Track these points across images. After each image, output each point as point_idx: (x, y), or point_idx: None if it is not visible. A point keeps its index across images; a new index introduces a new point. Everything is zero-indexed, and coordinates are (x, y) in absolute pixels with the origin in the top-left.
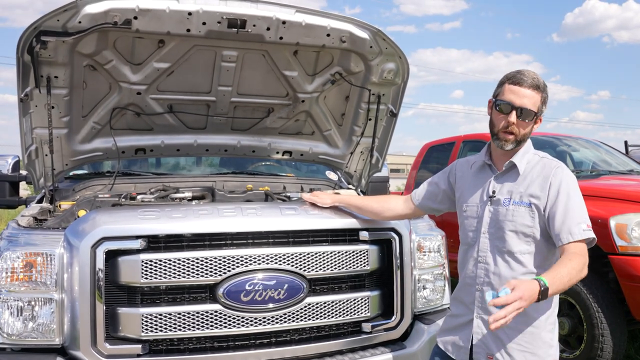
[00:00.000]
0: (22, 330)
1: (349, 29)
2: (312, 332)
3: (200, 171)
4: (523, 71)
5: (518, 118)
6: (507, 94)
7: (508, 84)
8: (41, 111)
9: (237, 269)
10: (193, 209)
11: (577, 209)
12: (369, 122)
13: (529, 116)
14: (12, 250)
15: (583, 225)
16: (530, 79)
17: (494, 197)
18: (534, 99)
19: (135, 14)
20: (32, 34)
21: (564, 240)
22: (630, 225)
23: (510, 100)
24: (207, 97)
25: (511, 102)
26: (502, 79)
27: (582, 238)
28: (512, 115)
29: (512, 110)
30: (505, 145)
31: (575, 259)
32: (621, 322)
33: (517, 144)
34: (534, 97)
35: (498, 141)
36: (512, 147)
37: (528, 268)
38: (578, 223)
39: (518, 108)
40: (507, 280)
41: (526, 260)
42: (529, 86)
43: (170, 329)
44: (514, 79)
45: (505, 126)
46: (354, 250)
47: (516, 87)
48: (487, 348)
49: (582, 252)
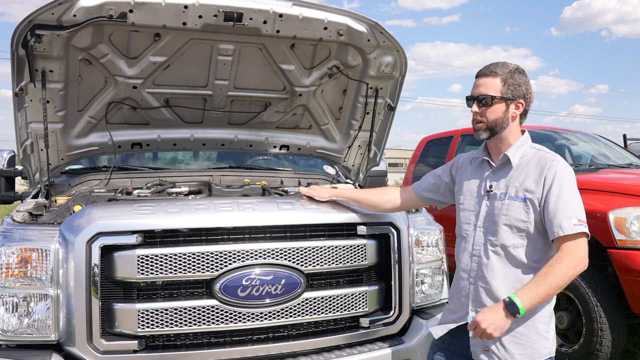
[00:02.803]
0: (18, 326)
1: (346, 22)
2: (309, 328)
3: (197, 166)
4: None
5: (480, 107)
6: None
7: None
8: (36, 105)
9: (233, 264)
10: (189, 203)
11: (569, 203)
12: (367, 116)
13: (486, 101)
14: (6, 246)
15: (574, 220)
16: (486, 68)
17: (491, 191)
18: (489, 84)
19: (130, 7)
20: (27, 28)
21: (555, 234)
22: (629, 219)
23: (471, 93)
24: (203, 91)
25: (471, 94)
26: None
27: (572, 232)
28: (473, 105)
29: (473, 101)
30: (480, 135)
31: (559, 262)
32: (620, 316)
33: (490, 131)
34: (489, 82)
35: (475, 133)
36: (487, 135)
37: (521, 262)
38: (569, 217)
39: (476, 97)
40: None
41: (519, 254)
42: (482, 75)
43: (166, 325)
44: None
45: (473, 117)
46: (352, 245)
47: (475, 80)
48: (482, 340)
49: (571, 249)
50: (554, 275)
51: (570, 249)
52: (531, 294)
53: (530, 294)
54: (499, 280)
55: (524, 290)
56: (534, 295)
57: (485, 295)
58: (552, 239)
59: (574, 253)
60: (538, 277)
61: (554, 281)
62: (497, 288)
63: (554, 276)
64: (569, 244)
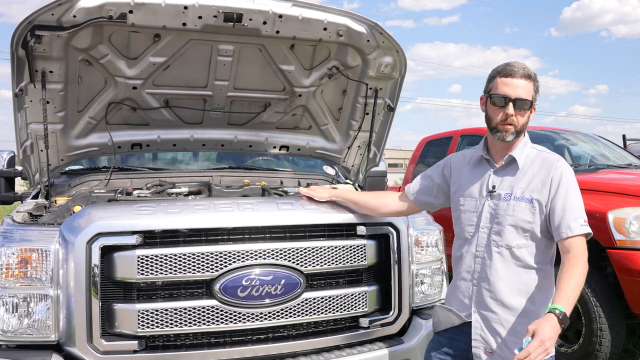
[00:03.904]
0: (18, 326)
1: (345, 22)
2: (309, 328)
3: (197, 166)
4: (512, 63)
5: (515, 109)
6: (500, 87)
7: (500, 77)
8: (36, 106)
9: (233, 264)
10: (189, 204)
11: (576, 204)
12: (367, 117)
13: (525, 105)
14: (7, 246)
15: (580, 220)
16: (521, 69)
17: (494, 191)
18: (528, 88)
19: (130, 8)
20: (27, 28)
21: (562, 235)
22: (629, 220)
23: (505, 92)
24: (203, 91)
25: (506, 94)
26: (491, 74)
27: (580, 233)
28: (509, 107)
29: (509, 102)
30: (506, 137)
31: (578, 264)
32: (619, 316)
33: (517, 134)
34: (528, 86)
35: (498, 134)
36: (512, 138)
37: (524, 263)
38: (576, 218)
39: (514, 99)
40: (504, 274)
41: (523, 255)
42: (521, 76)
43: (166, 325)
44: (505, 71)
45: (503, 119)
46: (352, 245)
47: (509, 79)
48: (486, 343)
49: (581, 250)
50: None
51: (578, 250)
52: (569, 301)
53: (569, 301)
54: (503, 281)
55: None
56: (571, 302)
57: (488, 296)
58: (557, 240)
59: (583, 252)
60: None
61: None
62: (501, 289)
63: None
64: (576, 245)
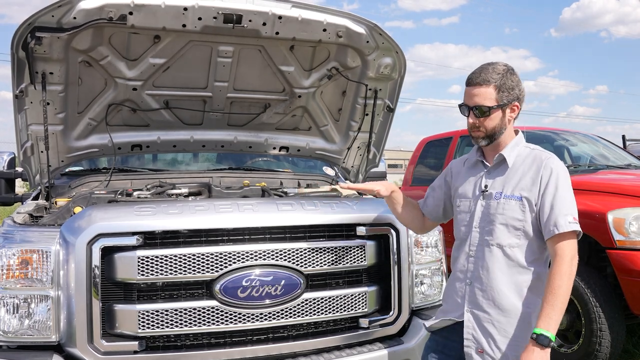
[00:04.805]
0: (19, 327)
1: (345, 23)
2: (309, 328)
3: (197, 167)
4: (475, 69)
5: (477, 117)
6: (464, 97)
7: (465, 86)
8: (36, 107)
9: (233, 265)
10: (189, 205)
11: (566, 201)
12: (366, 117)
13: (485, 112)
14: (7, 247)
15: (569, 218)
16: (477, 75)
17: (486, 191)
18: (485, 93)
19: (130, 10)
20: (27, 30)
21: (550, 233)
22: (628, 220)
23: (465, 102)
24: (203, 92)
25: (465, 104)
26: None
27: (567, 230)
28: (470, 116)
29: (469, 111)
30: (479, 142)
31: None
32: (619, 316)
33: (489, 138)
34: (484, 91)
35: (473, 140)
36: (486, 143)
37: (517, 262)
38: (564, 215)
39: (472, 107)
40: (496, 274)
41: (515, 254)
42: (475, 84)
43: (167, 326)
44: (467, 80)
45: (471, 127)
46: (351, 246)
47: (467, 88)
48: (477, 342)
49: (568, 252)
50: (561, 288)
51: (564, 252)
52: (552, 319)
53: (552, 319)
54: (495, 281)
55: (542, 318)
56: (555, 318)
57: (481, 296)
58: (547, 238)
59: (570, 254)
60: (549, 297)
61: (564, 293)
62: (493, 289)
63: (561, 288)
64: (562, 247)
